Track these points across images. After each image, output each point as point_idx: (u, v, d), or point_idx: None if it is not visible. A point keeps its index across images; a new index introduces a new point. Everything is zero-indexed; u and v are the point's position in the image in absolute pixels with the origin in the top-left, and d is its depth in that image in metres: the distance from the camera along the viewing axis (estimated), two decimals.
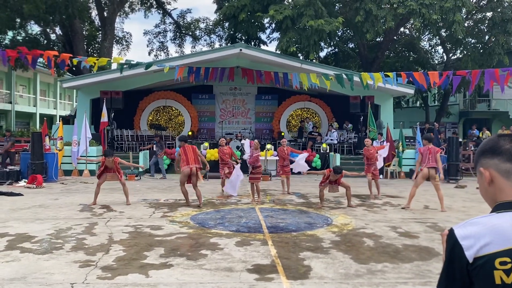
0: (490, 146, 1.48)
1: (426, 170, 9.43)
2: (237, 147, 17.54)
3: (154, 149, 16.56)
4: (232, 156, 12.06)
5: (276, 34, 25.86)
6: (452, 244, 1.39)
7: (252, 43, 25.54)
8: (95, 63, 11.90)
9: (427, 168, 9.44)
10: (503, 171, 1.43)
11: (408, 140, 17.75)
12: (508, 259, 1.30)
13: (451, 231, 1.41)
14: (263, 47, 26.15)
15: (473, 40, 24.71)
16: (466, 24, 22.77)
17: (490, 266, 1.31)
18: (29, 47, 22.09)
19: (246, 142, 12.60)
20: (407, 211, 9.23)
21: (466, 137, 21.69)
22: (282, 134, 20.78)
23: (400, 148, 16.51)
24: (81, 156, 14.80)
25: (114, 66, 18.12)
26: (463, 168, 16.54)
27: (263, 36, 27.37)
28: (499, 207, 1.43)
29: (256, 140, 11.66)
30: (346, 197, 9.81)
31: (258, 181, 10.55)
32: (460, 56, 26.20)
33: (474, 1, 23.68)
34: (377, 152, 11.59)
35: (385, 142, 16.56)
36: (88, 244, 6.14)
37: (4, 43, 23.56)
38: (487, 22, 23.71)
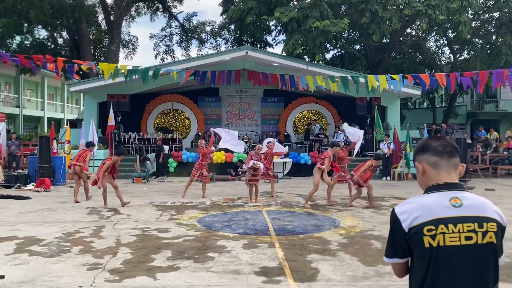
0: (422, 145, 1.94)
1: None
2: (244, 150, 17.55)
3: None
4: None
5: (282, 37, 25.90)
6: (394, 219, 1.85)
7: (258, 45, 25.57)
8: (103, 71, 11.89)
9: None
10: (431, 163, 1.88)
11: (415, 142, 17.65)
12: (433, 227, 1.75)
13: (393, 210, 1.87)
14: (269, 49, 26.20)
15: (480, 41, 24.58)
16: (473, 25, 22.66)
17: (420, 233, 1.76)
18: (36, 51, 22.38)
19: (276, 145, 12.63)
20: None
21: (472, 138, 21.55)
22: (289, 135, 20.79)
23: (408, 149, 16.43)
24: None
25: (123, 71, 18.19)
26: (471, 169, 16.42)
27: (269, 39, 27.39)
28: (427, 190, 1.87)
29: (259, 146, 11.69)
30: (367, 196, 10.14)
31: (258, 182, 10.80)
32: (467, 57, 26.07)
33: (480, 1, 23.56)
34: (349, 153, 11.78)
35: (392, 143, 16.51)
36: (96, 247, 6.16)
37: (12, 47, 23.76)
38: (494, 22, 23.58)
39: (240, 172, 16.13)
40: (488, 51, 23.02)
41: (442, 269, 1.75)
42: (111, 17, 26.96)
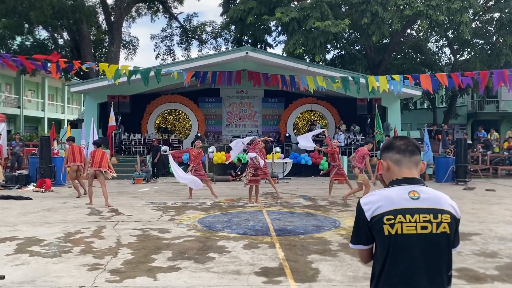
0: (387, 144, 2.14)
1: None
2: (244, 150, 17.55)
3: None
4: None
5: (282, 37, 25.91)
6: (358, 209, 2.02)
7: (259, 46, 25.58)
8: (104, 71, 11.90)
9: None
10: (395, 160, 2.07)
11: None
12: (392, 217, 1.92)
13: (358, 201, 2.05)
14: (269, 50, 26.20)
15: (480, 41, 24.57)
16: (473, 25, 22.65)
17: (381, 222, 1.93)
18: (37, 52, 22.39)
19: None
20: None
21: (473, 139, 21.54)
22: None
23: None
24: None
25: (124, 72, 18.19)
26: (471, 170, 16.42)
27: (269, 39, 27.40)
28: (390, 184, 2.06)
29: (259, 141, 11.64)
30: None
31: (259, 183, 10.84)
32: (468, 57, 26.06)
33: (481, 2, 23.54)
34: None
35: None
36: (96, 248, 6.16)
37: (13, 48, 23.77)
38: (494, 23, 23.58)
39: (239, 173, 16.16)
40: (489, 52, 23.01)
41: (399, 255, 1.93)
42: (112, 17, 26.99)
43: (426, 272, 1.92)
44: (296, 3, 23.83)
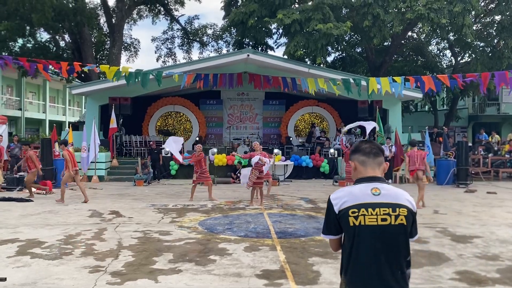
0: (355, 147, 2.42)
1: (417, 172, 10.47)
2: (245, 152, 17.56)
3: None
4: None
5: (283, 40, 25.91)
6: (328, 203, 2.31)
7: (259, 48, 25.60)
8: (105, 73, 11.95)
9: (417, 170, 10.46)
10: (361, 161, 2.35)
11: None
12: (356, 210, 2.21)
13: (329, 196, 2.33)
14: (270, 52, 26.20)
15: (481, 44, 24.57)
16: (474, 28, 22.64)
17: (346, 215, 2.22)
18: (38, 54, 22.44)
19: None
20: (417, 215, 9.14)
21: (474, 141, 21.52)
22: (291, 139, 20.79)
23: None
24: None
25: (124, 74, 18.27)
26: (472, 172, 16.40)
27: (270, 42, 27.44)
28: (356, 181, 2.34)
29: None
30: None
31: (262, 185, 10.86)
32: (469, 59, 26.05)
33: (482, 4, 23.55)
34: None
35: (393, 146, 16.49)
36: (97, 250, 6.16)
37: (14, 50, 23.82)
38: (496, 25, 23.58)
39: (239, 174, 16.16)
40: (490, 54, 23.00)
41: (363, 243, 2.21)
42: (113, 20, 27.04)
43: (386, 258, 2.20)
44: (297, 5, 23.86)
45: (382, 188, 2.26)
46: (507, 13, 22.19)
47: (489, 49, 23.67)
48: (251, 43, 25.36)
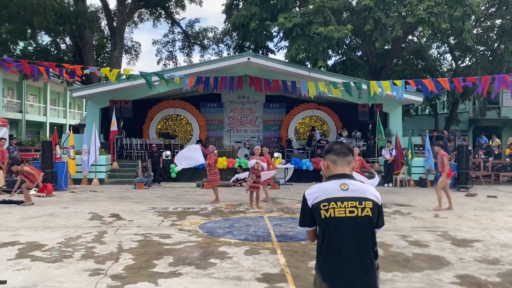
0: (328, 147, 2.69)
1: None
2: (245, 156, 17.57)
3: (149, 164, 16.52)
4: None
5: (284, 43, 25.94)
6: (303, 199, 2.56)
7: (260, 52, 25.62)
8: (106, 75, 12.00)
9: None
10: (332, 160, 2.61)
11: (417, 148, 17.64)
12: (326, 203, 2.45)
13: (304, 192, 2.58)
14: (270, 55, 26.24)
15: (482, 48, 24.58)
16: (474, 32, 22.65)
17: (318, 208, 2.47)
18: (39, 57, 22.47)
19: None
20: (417, 219, 9.16)
21: (474, 145, 21.49)
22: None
23: (409, 156, 16.41)
24: None
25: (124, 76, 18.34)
26: (473, 176, 16.38)
27: (271, 45, 27.45)
28: (328, 178, 2.60)
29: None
30: None
31: (259, 190, 10.91)
32: (469, 63, 26.07)
33: (482, 8, 23.58)
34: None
35: (394, 150, 16.48)
36: (97, 253, 6.16)
37: (15, 53, 23.86)
38: (496, 29, 23.60)
39: (239, 178, 16.17)
40: (490, 58, 23.01)
41: (333, 233, 2.45)
42: (114, 23, 27.09)
43: (355, 246, 2.42)
44: (298, 9, 23.90)
45: (350, 184, 2.51)
46: (508, 17, 22.21)
47: (489, 53, 23.68)
48: (252, 46, 25.39)
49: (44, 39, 26.85)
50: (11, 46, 23.49)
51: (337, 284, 2.42)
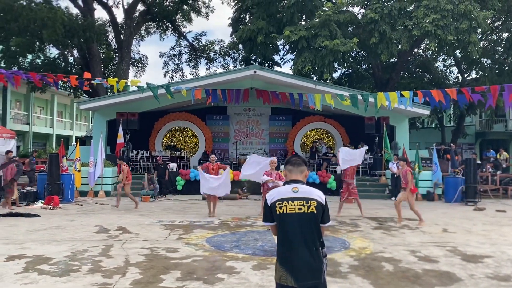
0: (287, 160, 3.36)
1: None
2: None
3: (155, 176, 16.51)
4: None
5: (290, 56, 26.05)
6: (265, 200, 3.25)
7: (266, 65, 25.73)
8: (113, 86, 12.11)
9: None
10: (288, 169, 3.30)
11: (424, 162, 17.52)
12: (280, 202, 3.13)
13: (265, 195, 3.50)
14: (276, 68, 26.34)
15: (489, 61, 24.54)
16: (481, 45, 22.64)
17: (275, 206, 3.15)
18: (47, 69, 22.67)
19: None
20: (426, 234, 9.06)
21: (482, 159, 21.33)
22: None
23: (417, 169, 16.28)
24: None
25: (131, 88, 18.47)
26: (481, 190, 16.23)
27: (276, 58, 27.59)
28: (284, 183, 3.28)
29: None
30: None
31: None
32: (477, 76, 26.02)
33: (489, 21, 23.61)
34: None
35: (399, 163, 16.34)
36: (104, 267, 6.13)
37: (24, 66, 24.09)
38: (503, 43, 23.58)
39: (245, 190, 16.14)
40: (497, 71, 22.96)
41: (285, 226, 3.11)
42: (121, 36, 27.37)
43: (303, 237, 3.06)
44: (304, 22, 24.02)
45: (300, 187, 3.17)
46: None
47: (496, 66, 23.63)
48: (258, 59, 25.52)
49: (52, 52, 27.16)
50: (20, 59, 23.74)
51: (289, 266, 3.04)
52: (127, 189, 12.72)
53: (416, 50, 26.89)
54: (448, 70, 30.64)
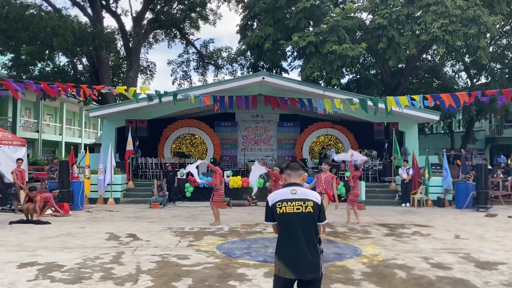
0: (287, 165, 3.73)
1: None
2: (260, 175, 17.46)
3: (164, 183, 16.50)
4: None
5: (297, 62, 26.07)
6: (266, 201, 3.56)
7: (274, 71, 25.75)
8: (122, 93, 12.22)
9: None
10: (288, 174, 3.64)
11: (434, 167, 17.40)
12: (280, 203, 3.45)
13: (267, 197, 3.61)
14: (284, 75, 26.35)
15: (498, 66, 24.38)
16: (490, 50, 22.50)
17: (275, 207, 3.47)
18: (57, 78, 22.86)
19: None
20: (438, 241, 8.97)
21: (493, 164, 21.14)
22: (306, 160, 20.69)
23: (427, 175, 16.17)
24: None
25: (140, 96, 18.59)
26: (492, 196, 16.07)
27: (284, 64, 27.60)
28: (284, 186, 3.60)
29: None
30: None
31: None
32: (486, 81, 25.85)
33: (498, 26, 23.49)
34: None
35: (410, 169, 16.27)
36: (116, 274, 6.12)
37: (34, 74, 24.33)
38: None
39: (254, 197, 16.09)
40: (507, 76, 22.79)
41: (286, 225, 3.43)
42: (130, 43, 27.54)
43: (302, 234, 3.37)
44: (311, 28, 24.05)
45: (298, 190, 3.49)
46: None
47: (506, 71, 23.46)
48: (266, 66, 25.56)
49: (61, 60, 27.39)
50: (30, 68, 23.96)
51: (288, 260, 3.37)
52: None
53: (424, 55, 26.79)
54: (457, 76, 30.48)
